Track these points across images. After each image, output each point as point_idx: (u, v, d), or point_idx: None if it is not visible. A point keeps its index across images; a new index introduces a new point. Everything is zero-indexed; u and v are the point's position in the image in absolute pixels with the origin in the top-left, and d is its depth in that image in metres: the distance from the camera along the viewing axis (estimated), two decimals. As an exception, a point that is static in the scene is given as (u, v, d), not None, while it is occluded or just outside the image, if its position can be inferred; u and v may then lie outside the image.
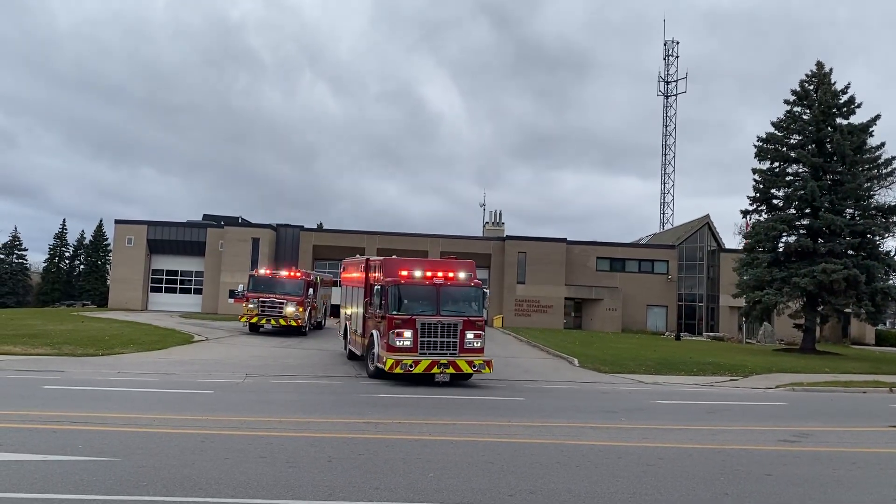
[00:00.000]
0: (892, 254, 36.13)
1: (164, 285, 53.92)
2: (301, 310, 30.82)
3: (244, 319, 31.36)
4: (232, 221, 56.65)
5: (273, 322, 30.55)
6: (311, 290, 32.27)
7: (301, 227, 55.71)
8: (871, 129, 36.11)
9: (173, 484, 7.18)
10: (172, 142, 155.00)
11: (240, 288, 31.93)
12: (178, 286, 54.08)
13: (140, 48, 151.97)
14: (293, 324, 30.59)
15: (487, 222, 63.97)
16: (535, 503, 7.00)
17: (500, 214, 63.56)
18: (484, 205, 75.13)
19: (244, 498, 6.82)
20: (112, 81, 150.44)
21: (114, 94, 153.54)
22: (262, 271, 33.06)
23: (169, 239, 53.76)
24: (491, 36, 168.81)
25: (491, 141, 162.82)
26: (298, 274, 32.53)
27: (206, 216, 60.39)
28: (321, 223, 59.19)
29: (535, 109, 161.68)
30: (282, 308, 30.63)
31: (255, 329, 31.39)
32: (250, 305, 31.06)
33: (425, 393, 15.83)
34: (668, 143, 79.02)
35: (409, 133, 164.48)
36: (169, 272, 54.07)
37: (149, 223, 54.46)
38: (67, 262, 73.25)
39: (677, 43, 79.17)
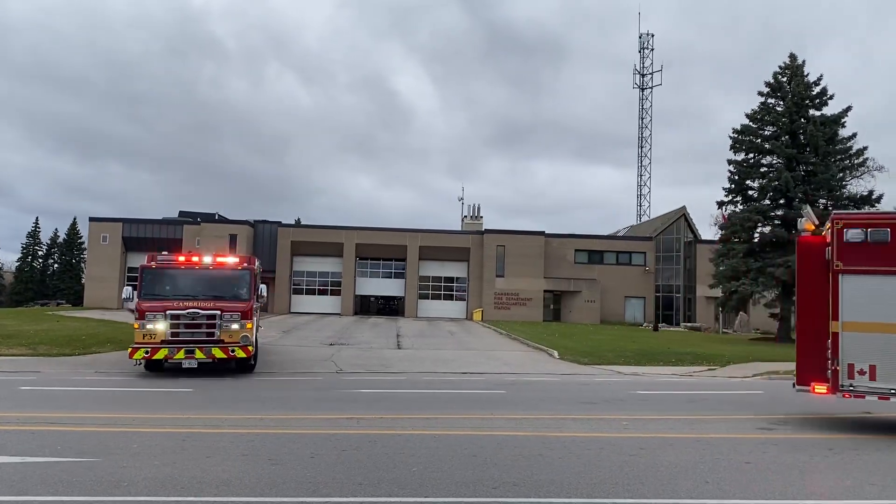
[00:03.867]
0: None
1: (140, 283, 53.19)
2: (249, 326, 17.63)
3: (139, 355, 16.89)
4: (209, 218, 56.16)
5: (200, 353, 16.98)
6: (261, 289, 19.11)
7: (279, 223, 55.40)
8: (842, 121, 36.72)
9: (155, 484, 7.12)
10: (138, 134, 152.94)
11: (126, 293, 17.72)
12: (155, 284, 53.33)
13: (98, 37, 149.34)
14: (238, 353, 17.26)
15: (466, 216, 64.13)
16: (518, 495, 7.03)
17: (479, 208, 63.76)
18: (462, 198, 75.32)
19: (227, 496, 6.77)
20: (71, 72, 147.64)
21: (74, 86, 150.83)
22: (168, 258, 18.42)
23: (144, 236, 53.16)
24: (462, 21, 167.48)
25: (465, 130, 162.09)
26: (235, 261, 18.97)
27: (182, 213, 59.81)
28: (299, 219, 59.06)
29: (508, 97, 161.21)
30: (213, 327, 17.20)
31: (155, 368, 17.98)
32: (151, 326, 16.86)
33: (406, 388, 15.83)
34: (644, 135, 79.63)
35: (381, 123, 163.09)
36: (145, 270, 53.31)
37: (123, 220, 53.83)
38: (41, 260, 72.18)
39: (652, 35, 79.88)
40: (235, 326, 17.32)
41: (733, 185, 38.57)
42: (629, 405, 14.21)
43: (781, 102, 37.34)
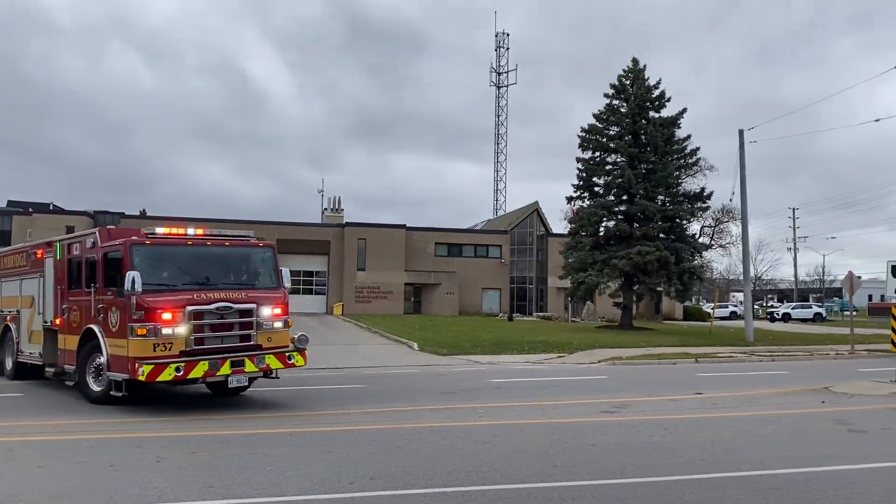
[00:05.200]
0: (697, 237, 39.99)
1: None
2: (291, 324, 13.09)
3: (168, 374, 11.06)
4: (42, 208, 51.80)
5: (250, 365, 11.93)
6: (284, 274, 13.26)
7: (122, 215, 51.96)
8: (678, 122, 39.60)
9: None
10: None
11: (133, 281, 11.03)
12: (-22, 280, 48.46)
13: None
14: (297, 361, 12.74)
15: (326, 208, 63.24)
16: (375, 489, 7.03)
17: (339, 200, 63.08)
18: (322, 190, 74.18)
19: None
20: None
21: None
22: (167, 231, 12.60)
23: (-35, 228, 48.12)
24: (319, 6, 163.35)
25: (324, 120, 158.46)
26: (253, 236, 13.64)
27: (10, 202, 54.78)
28: (144, 210, 55.45)
29: (369, 88, 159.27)
30: (249, 327, 12.18)
31: (140, 389, 12.03)
32: (170, 331, 11.29)
33: (260, 387, 15.38)
34: (500, 131, 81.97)
35: (234, 109, 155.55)
36: (-34, 265, 48.30)
37: (-60, 210, 48.43)
38: None
39: (508, 35, 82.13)
40: (279, 325, 12.56)
41: (581, 182, 40.58)
42: (485, 394, 14.61)
43: (625, 104, 39.69)
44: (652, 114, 39.34)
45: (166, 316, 11.27)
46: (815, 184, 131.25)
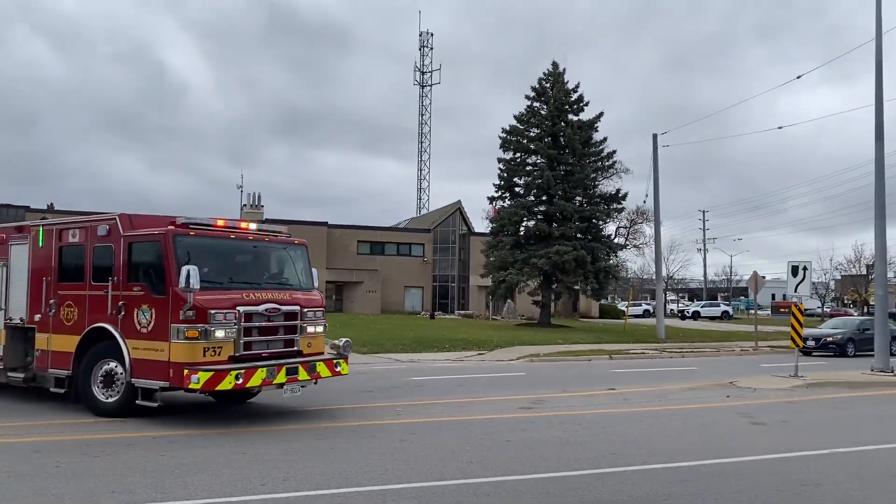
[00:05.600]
0: (612, 237, 41.13)
1: None
2: (327, 328, 12.44)
3: (228, 383, 9.90)
4: (-66, 200, 48.49)
5: (304, 373, 10.96)
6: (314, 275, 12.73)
7: (27, 208, 49.22)
8: (596, 126, 40.61)
9: None
10: None
11: (188, 276, 9.83)
12: None
13: None
14: (343, 369, 11.81)
15: (245, 205, 61.66)
16: (288, 490, 6.89)
17: (259, 197, 61.46)
18: (241, 186, 72.15)
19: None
20: None
21: None
22: (205, 221, 11.14)
23: None
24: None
25: (244, 114, 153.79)
26: (285, 231, 12.68)
27: None
28: (52, 203, 52.70)
29: (292, 83, 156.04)
30: (294, 331, 11.32)
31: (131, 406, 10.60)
32: (222, 334, 10.17)
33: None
34: (424, 130, 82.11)
35: (149, 101, 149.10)
36: None
37: None
38: None
39: (432, 34, 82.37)
40: (319, 329, 11.76)
41: (502, 182, 41.08)
42: (404, 392, 14.59)
43: (545, 107, 40.40)
44: (571, 117, 40.20)
45: (219, 317, 10.09)
46: (724, 187, 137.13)
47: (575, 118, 40.25)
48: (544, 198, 39.42)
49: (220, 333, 10.12)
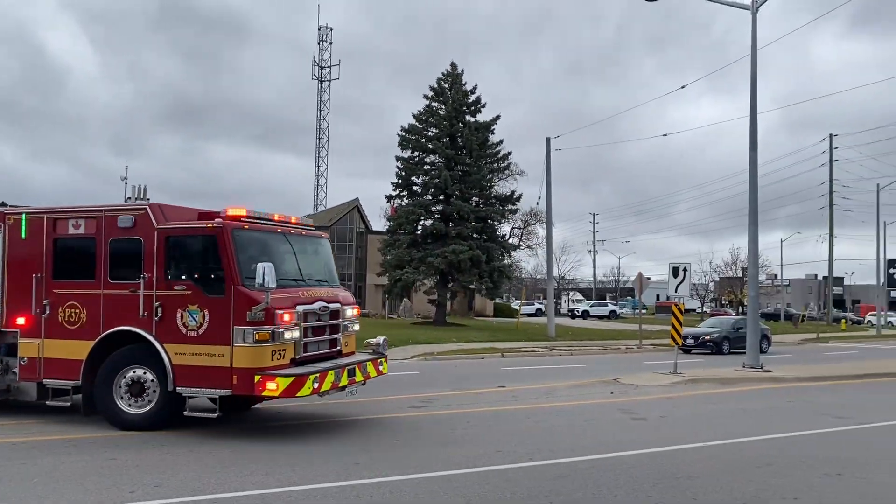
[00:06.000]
0: (507, 237, 41.89)
1: None
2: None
3: (306, 390, 9.20)
4: None
5: (360, 375, 10.61)
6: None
7: None
8: (493, 128, 41.25)
9: None
10: None
11: (264, 273, 8.88)
12: None
13: None
14: (384, 369, 11.66)
15: (130, 197, 58.25)
16: (158, 496, 6.52)
17: (145, 189, 57.93)
18: (126, 178, 68.37)
19: None
20: None
21: None
22: (260, 213, 10.48)
23: None
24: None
25: (131, 103, 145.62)
26: (310, 224, 11.95)
27: None
28: None
29: (183, 72, 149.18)
30: (337, 330, 10.86)
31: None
32: (290, 335, 9.52)
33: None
34: (322, 126, 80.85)
35: (27, 85, 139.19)
36: None
37: None
38: None
39: (331, 29, 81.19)
40: (356, 328, 11.44)
41: (401, 181, 41.02)
42: (292, 393, 14.20)
43: (444, 107, 40.64)
44: (468, 118, 40.63)
45: (286, 318, 9.34)
46: (613, 191, 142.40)
47: (472, 119, 40.71)
48: (441, 197, 39.64)
49: (288, 335, 9.40)
